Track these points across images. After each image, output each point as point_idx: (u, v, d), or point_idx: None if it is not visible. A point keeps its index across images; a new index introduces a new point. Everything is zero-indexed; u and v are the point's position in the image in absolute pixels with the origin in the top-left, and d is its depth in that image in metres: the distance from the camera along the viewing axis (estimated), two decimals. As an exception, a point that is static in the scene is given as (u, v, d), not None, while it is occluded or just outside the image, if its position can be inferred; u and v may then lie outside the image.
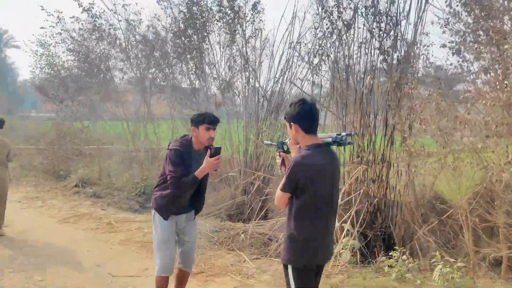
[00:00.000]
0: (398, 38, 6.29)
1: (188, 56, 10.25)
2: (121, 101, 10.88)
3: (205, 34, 9.94)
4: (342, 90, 6.52)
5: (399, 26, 6.30)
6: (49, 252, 5.86)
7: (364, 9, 6.50)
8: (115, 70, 10.99)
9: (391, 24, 6.30)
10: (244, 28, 9.37)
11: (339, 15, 6.70)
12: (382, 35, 6.38)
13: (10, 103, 35.37)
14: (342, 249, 5.47)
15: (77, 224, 7.25)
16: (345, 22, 6.66)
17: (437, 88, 4.35)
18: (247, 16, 9.22)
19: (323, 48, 7.61)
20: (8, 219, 7.37)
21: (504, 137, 3.77)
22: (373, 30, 6.44)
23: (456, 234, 5.42)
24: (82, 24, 10.35)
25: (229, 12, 9.36)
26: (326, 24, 7.09)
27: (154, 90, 11.41)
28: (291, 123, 2.81)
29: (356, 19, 6.60)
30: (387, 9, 6.26)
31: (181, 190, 3.66)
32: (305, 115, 2.77)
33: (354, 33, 6.68)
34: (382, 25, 6.34)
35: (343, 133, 2.84)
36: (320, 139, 2.83)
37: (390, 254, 5.05)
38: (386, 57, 6.28)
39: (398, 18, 6.26)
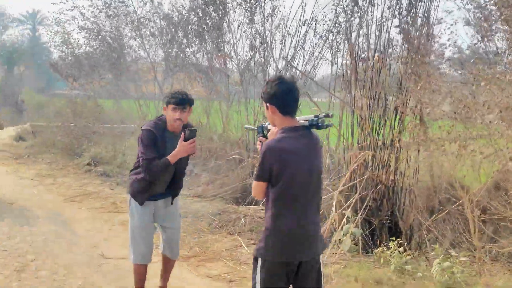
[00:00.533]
0: (419, 15, 5.85)
1: (207, 34, 10.06)
2: (134, 79, 10.78)
3: (225, 11, 9.68)
4: (352, 70, 6.20)
5: (421, 3, 5.84)
6: (48, 231, 5.84)
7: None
8: (129, 48, 10.85)
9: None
10: (263, 5, 9.05)
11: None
12: (401, 12, 5.96)
13: (43, 81, 35.93)
14: (343, 236, 5.25)
15: (82, 203, 7.23)
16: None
17: (437, 68, 4.00)
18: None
19: (339, 26, 7.35)
20: (16, 196, 7.49)
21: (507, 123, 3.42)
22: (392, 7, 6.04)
23: (465, 226, 5.11)
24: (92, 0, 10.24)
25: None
26: (345, 1, 6.78)
27: (173, 69, 11.24)
28: (268, 103, 2.57)
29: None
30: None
31: (153, 174, 3.45)
32: (283, 95, 2.52)
33: (372, 10, 6.29)
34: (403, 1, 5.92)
35: (321, 115, 2.58)
36: (297, 122, 2.59)
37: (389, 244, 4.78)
38: (405, 36, 5.88)
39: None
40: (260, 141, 2.83)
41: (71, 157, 10.63)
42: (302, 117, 2.66)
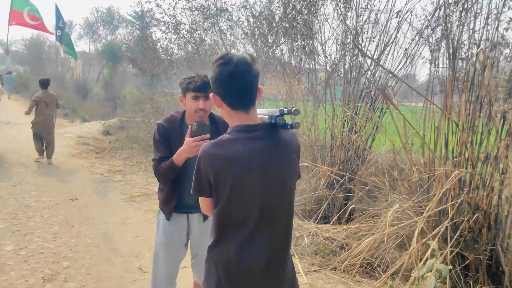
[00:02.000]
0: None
1: (297, 32, 9.36)
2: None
3: (316, 8, 8.93)
4: (449, 70, 5.13)
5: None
6: (96, 233, 5.44)
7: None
8: (208, 45, 10.37)
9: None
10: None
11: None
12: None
13: (148, 78, 37.33)
14: (426, 273, 4.21)
15: (141, 203, 6.82)
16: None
17: None
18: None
19: (440, 19, 6.30)
20: (81, 191, 7.30)
21: None
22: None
23: None
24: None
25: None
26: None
27: (264, 68, 10.63)
28: (212, 92, 1.87)
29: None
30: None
31: (161, 179, 2.81)
32: (227, 81, 1.77)
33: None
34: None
35: (285, 109, 1.83)
36: (255, 118, 1.86)
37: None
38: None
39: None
40: None
41: (147, 154, 10.42)
42: (265, 110, 1.92)
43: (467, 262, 4.54)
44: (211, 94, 1.87)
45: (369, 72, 7.49)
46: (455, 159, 4.68)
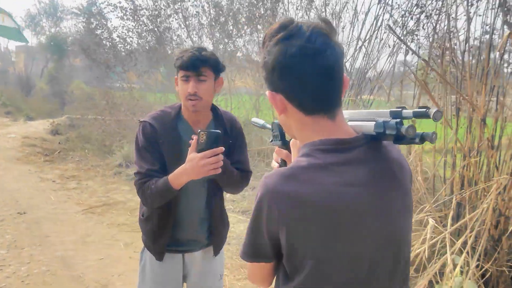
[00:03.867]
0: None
1: (259, 23, 8.66)
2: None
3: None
4: (452, 56, 4.62)
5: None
6: (52, 257, 4.54)
7: None
8: (171, 32, 9.47)
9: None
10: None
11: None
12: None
13: (99, 73, 35.49)
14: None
15: (103, 216, 5.92)
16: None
17: None
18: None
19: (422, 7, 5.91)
20: (29, 203, 6.30)
21: None
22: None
23: None
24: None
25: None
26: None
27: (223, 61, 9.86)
28: (270, 90, 1.10)
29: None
30: None
31: (147, 202, 1.99)
32: (298, 68, 1.02)
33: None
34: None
35: (406, 111, 1.02)
36: (346, 127, 1.09)
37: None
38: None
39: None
40: (277, 154, 1.37)
41: (103, 156, 9.41)
42: (348, 112, 1.16)
43: (487, 275, 4.01)
44: (267, 93, 1.10)
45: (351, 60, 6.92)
46: (474, 159, 4.13)
